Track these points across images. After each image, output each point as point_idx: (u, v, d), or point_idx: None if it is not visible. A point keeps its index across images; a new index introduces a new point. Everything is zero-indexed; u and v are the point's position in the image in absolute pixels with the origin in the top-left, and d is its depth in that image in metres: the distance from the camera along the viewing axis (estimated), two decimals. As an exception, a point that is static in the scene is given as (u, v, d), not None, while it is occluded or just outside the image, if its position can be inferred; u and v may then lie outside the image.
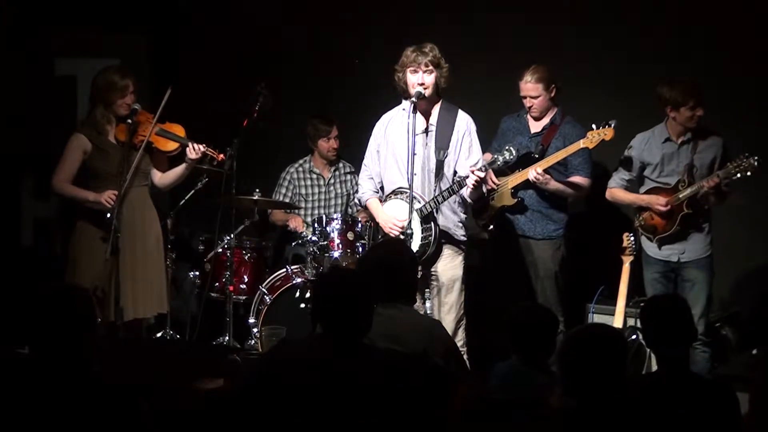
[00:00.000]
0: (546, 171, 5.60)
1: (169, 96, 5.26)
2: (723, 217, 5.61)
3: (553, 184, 5.64)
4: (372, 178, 5.39)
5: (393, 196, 5.27)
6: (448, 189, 5.13)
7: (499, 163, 5.13)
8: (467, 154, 5.23)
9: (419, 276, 4.74)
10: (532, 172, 5.56)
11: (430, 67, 5.10)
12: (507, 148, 5.11)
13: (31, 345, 3.11)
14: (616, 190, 5.68)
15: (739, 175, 5.23)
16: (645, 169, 5.57)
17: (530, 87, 5.70)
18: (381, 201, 5.34)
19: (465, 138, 5.22)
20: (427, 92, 5.12)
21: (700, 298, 5.41)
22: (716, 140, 5.44)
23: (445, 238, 5.22)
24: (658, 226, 5.50)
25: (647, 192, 5.56)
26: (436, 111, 5.23)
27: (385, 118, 5.37)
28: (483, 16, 6.58)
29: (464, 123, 5.24)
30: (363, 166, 5.48)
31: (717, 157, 5.40)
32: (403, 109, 5.26)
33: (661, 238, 5.50)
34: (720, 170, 5.30)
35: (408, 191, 5.04)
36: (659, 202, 5.44)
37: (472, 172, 4.99)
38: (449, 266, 5.25)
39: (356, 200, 5.83)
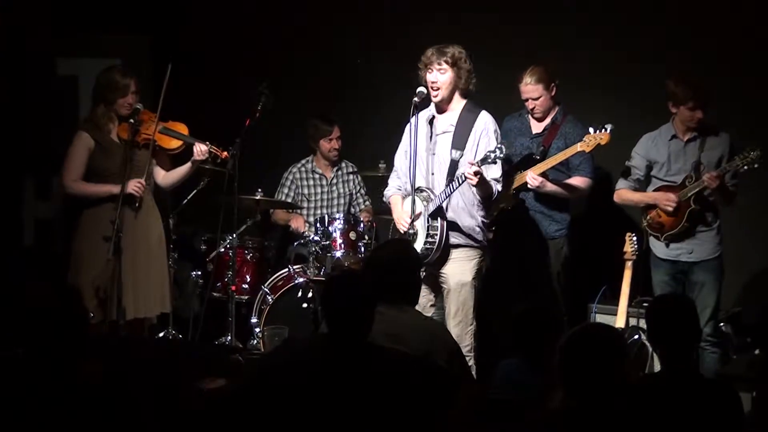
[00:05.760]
0: (548, 171, 5.59)
1: (170, 74, 5.28)
2: (726, 216, 5.58)
3: (550, 187, 5.61)
4: (399, 177, 5.39)
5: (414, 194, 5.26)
6: (454, 180, 5.08)
7: (489, 160, 5.07)
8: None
9: (422, 276, 4.72)
10: (529, 178, 5.55)
11: (445, 66, 5.10)
12: (497, 145, 5.03)
13: (24, 344, 3.12)
14: (624, 191, 5.62)
15: (746, 167, 5.18)
16: (652, 168, 5.52)
17: (531, 89, 5.68)
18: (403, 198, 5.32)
19: (482, 137, 5.17)
20: (439, 92, 5.11)
21: (709, 301, 5.37)
22: (724, 137, 5.39)
23: (460, 242, 5.19)
24: (665, 223, 5.45)
25: (655, 191, 5.51)
26: (457, 112, 5.20)
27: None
28: (483, 15, 6.58)
29: (482, 123, 5.20)
30: (394, 165, 5.48)
31: (724, 155, 5.33)
32: (430, 110, 5.26)
33: (670, 236, 5.45)
34: (727, 164, 5.25)
35: (427, 190, 5.08)
36: (669, 198, 5.39)
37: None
38: (458, 271, 5.20)
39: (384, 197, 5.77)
